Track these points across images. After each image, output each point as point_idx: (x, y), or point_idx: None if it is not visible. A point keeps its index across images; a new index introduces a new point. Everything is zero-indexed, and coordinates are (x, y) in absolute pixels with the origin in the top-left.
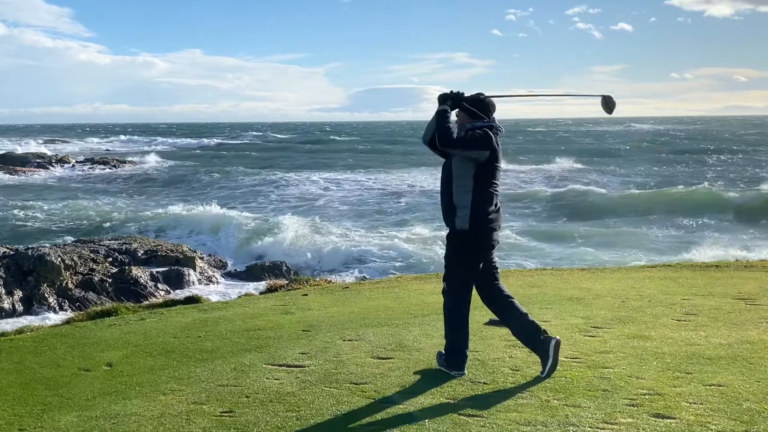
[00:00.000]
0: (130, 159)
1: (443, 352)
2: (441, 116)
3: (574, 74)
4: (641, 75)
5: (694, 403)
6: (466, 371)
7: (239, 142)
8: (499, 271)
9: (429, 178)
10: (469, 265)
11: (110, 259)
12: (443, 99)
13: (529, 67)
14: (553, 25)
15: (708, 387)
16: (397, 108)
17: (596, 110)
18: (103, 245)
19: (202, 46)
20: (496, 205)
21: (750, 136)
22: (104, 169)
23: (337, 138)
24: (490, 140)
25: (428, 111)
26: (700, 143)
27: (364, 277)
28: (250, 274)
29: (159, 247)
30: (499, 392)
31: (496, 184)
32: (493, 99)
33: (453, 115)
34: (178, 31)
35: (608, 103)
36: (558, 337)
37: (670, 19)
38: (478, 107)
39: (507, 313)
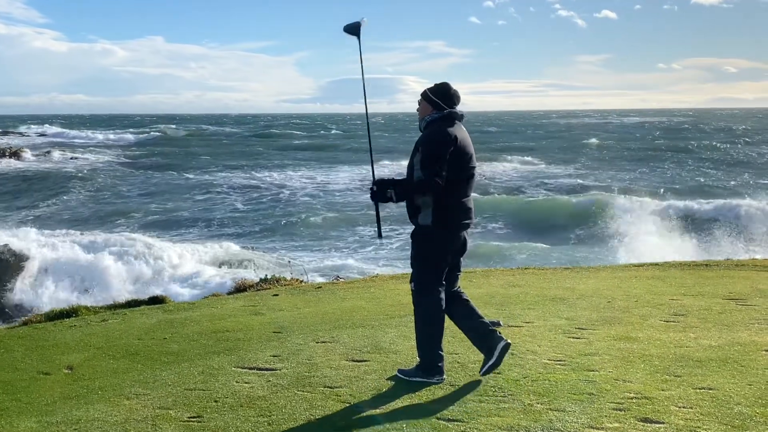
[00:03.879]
0: (28, 152)
1: (414, 368)
2: (402, 195)
3: (556, 64)
4: (627, 65)
5: (684, 407)
6: (445, 375)
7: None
8: (461, 272)
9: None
10: (435, 263)
11: None
12: (382, 195)
13: (510, 56)
14: (534, 12)
15: (698, 390)
16: (371, 99)
17: (581, 102)
18: None
19: (163, 33)
20: (463, 201)
21: (731, 132)
22: None
23: (290, 132)
24: (447, 140)
25: (404, 103)
26: (674, 139)
27: (338, 276)
28: None
29: None
30: (480, 396)
31: (463, 178)
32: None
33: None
34: (138, 17)
35: None
36: (509, 341)
37: (656, 7)
38: (441, 97)
39: (463, 314)
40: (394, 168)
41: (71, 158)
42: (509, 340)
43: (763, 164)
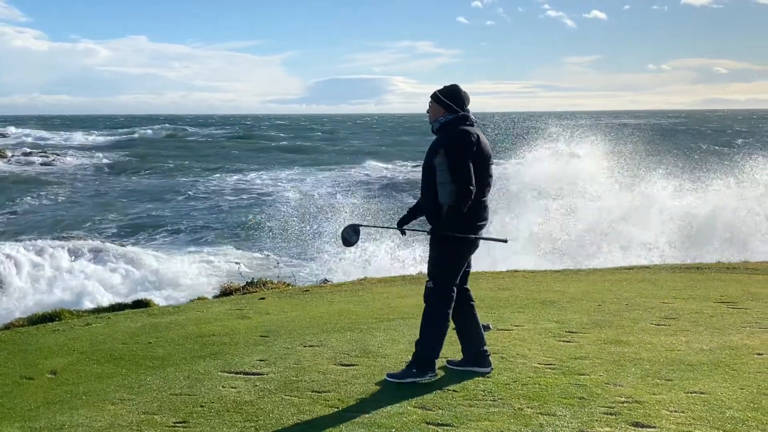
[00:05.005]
0: None
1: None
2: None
3: (545, 65)
4: (616, 66)
5: (675, 411)
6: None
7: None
8: (470, 269)
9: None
10: (455, 263)
11: None
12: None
13: (498, 57)
14: (523, 12)
15: (689, 394)
16: (359, 100)
17: (570, 103)
18: None
19: (147, 32)
20: (482, 201)
21: (717, 137)
22: None
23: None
24: (470, 145)
25: (392, 104)
26: (652, 142)
27: (326, 279)
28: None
29: None
30: (470, 400)
31: (483, 178)
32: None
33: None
34: (121, 16)
35: None
36: (492, 368)
37: (646, 7)
38: (452, 99)
39: (466, 319)
40: (381, 168)
41: (39, 162)
42: (492, 367)
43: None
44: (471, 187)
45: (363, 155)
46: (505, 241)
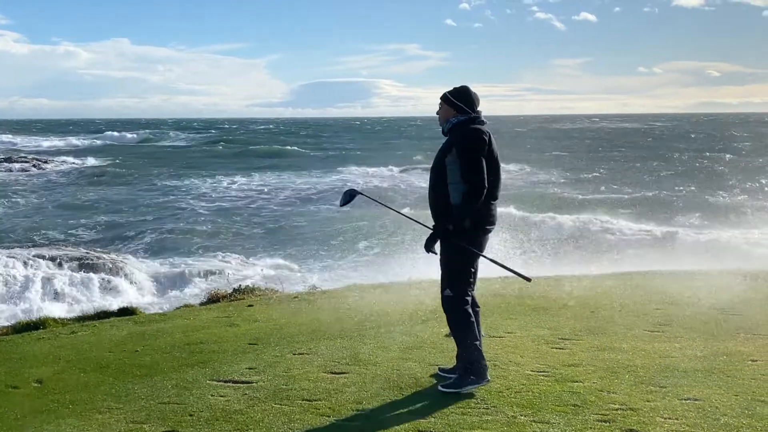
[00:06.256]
0: None
1: (452, 375)
2: (457, 218)
3: (534, 68)
4: (607, 69)
5: (669, 419)
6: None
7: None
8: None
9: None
10: (469, 267)
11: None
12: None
13: (487, 59)
14: (511, 14)
15: (683, 401)
16: (345, 103)
17: (560, 106)
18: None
19: (129, 35)
20: (492, 203)
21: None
22: None
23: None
24: (483, 143)
25: (379, 107)
26: (622, 147)
27: (314, 286)
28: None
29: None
30: (463, 408)
31: (494, 178)
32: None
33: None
34: (103, 18)
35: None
36: (489, 379)
37: (636, 9)
38: (464, 101)
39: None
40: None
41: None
42: (489, 379)
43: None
44: (483, 187)
45: (345, 160)
46: (529, 279)
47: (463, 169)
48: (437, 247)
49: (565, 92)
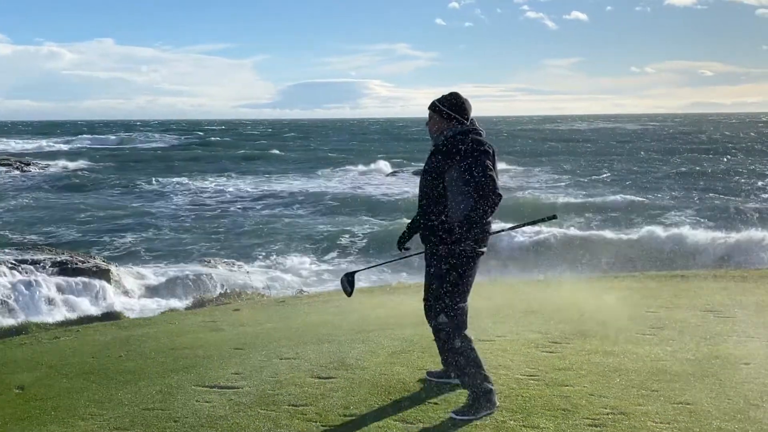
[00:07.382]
0: None
1: (441, 379)
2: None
3: (525, 68)
4: (598, 69)
5: (661, 423)
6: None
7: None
8: None
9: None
10: (467, 286)
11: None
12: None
13: (477, 59)
14: (501, 13)
15: (675, 405)
16: (334, 104)
17: (551, 107)
18: None
19: (113, 35)
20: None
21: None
22: None
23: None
24: (489, 153)
25: (368, 108)
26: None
27: (302, 290)
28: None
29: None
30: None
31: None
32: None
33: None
34: (87, 18)
35: None
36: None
37: (628, 8)
38: (456, 110)
39: None
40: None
41: None
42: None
43: None
44: (497, 196)
45: (329, 163)
46: (555, 217)
47: (473, 181)
48: (410, 243)
49: (556, 92)
